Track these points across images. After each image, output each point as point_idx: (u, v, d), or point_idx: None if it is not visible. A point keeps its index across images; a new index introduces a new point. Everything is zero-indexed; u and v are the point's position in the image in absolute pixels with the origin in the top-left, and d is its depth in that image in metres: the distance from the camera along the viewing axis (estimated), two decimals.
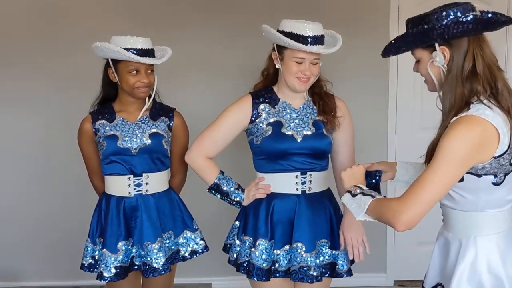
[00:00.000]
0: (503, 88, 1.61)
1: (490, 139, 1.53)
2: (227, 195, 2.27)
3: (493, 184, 1.59)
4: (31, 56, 3.50)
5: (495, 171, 1.57)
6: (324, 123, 2.21)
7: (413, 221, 1.52)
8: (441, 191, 1.53)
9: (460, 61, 1.59)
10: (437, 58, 1.63)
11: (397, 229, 1.54)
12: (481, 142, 1.52)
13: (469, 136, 1.50)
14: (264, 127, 2.20)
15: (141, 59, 2.21)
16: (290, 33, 2.09)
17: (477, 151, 1.52)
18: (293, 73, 2.14)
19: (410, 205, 1.51)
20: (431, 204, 1.53)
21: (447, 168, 1.51)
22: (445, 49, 1.62)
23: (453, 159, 1.50)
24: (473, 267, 1.61)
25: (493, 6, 3.55)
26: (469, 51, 1.59)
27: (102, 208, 2.38)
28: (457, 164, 1.51)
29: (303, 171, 2.19)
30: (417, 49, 1.69)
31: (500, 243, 1.63)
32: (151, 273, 2.30)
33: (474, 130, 1.51)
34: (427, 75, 1.69)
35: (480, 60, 1.59)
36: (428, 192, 1.51)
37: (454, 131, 1.51)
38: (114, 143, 2.30)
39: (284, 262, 2.18)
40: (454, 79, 1.60)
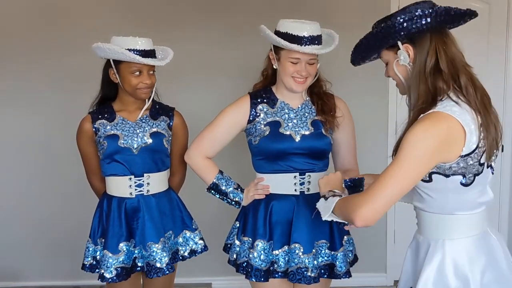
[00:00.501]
0: (467, 84, 1.56)
1: (456, 137, 1.49)
2: (226, 195, 2.27)
3: (461, 185, 1.55)
4: (31, 56, 3.50)
5: (463, 171, 1.53)
6: (323, 123, 2.21)
7: (372, 216, 1.49)
8: (403, 187, 1.49)
9: (423, 57, 1.57)
10: (401, 57, 1.61)
11: (355, 224, 1.51)
12: (447, 138, 1.48)
13: (434, 132, 1.47)
14: (262, 127, 2.20)
15: (145, 61, 2.21)
16: (285, 33, 2.09)
17: (443, 148, 1.48)
18: (289, 74, 2.14)
19: (370, 200, 1.48)
20: (392, 200, 1.50)
21: (410, 164, 1.47)
22: (408, 47, 1.60)
23: (417, 154, 1.47)
24: (440, 271, 1.57)
25: (493, 6, 3.55)
26: (431, 47, 1.56)
27: (104, 209, 2.37)
28: (421, 159, 1.47)
29: (301, 172, 2.19)
30: (383, 52, 1.68)
31: (469, 247, 1.58)
32: (155, 273, 2.30)
33: (440, 126, 1.47)
34: (395, 76, 1.67)
35: (443, 55, 1.56)
36: (390, 188, 1.48)
37: (420, 127, 1.48)
38: (115, 142, 2.30)
39: (282, 263, 2.18)
40: (417, 75, 1.58)
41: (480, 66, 3.55)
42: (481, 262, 1.58)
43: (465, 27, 4.05)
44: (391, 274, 3.73)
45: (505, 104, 3.62)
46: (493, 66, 3.58)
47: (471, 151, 1.51)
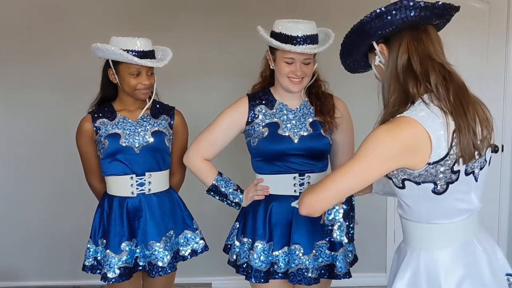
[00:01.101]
0: (437, 83, 1.47)
1: (420, 143, 1.41)
2: (226, 197, 2.27)
3: (433, 193, 1.48)
4: (30, 56, 3.50)
5: (433, 179, 1.45)
6: (321, 123, 2.21)
7: (318, 206, 1.51)
8: (353, 184, 1.47)
9: (395, 55, 1.51)
10: (377, 57, 1.58)
11: (300, 211, 1.53)
12: (409, 145, 1.41)
13: (395, 137, 1.42)
14: (260, 128, 2.20)
15: (143, 62, 2.20)
16: (280, 33, 2.09)
17: (404, 154, 1.42)
18: (284, 74, 2.14)
19: (319, 191, 1.49)
20: (339, 194, 1.50)
21: (365, 163, 1.44)
22: (382, 47, 1.56)
23: (374, 156, 1.43)
24: (413, 281, 1.52)
25: (493, 6, 3.55)
26: (402, 45, 1.50)
27: (105, 209, 2.37)
28: (377, 161, 1.43)
29: (301, 173, 2.18)
30: (369, 55, 1.65)
31: (446, 258, 1.51)
32: (157, 273, 2.30)
33: (402, 131, 1.42)
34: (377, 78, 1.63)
35: (415, 53, 1.49)
36: (339, 183, 1.47)
37: (382, 129, 1.44)
38: (117, 141, 2.30)
39: (282, 264, 2.18)
40: (389, 75, 1.53)
41: (480, 66, 3.60)
42: (458, 274, 1.50)
43: (465, 27, 4.08)
44: None
45: (505, 104, 3.62)
46: (493, 66, 3.58)
47: (440, 158, 1.43)
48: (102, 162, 2.36)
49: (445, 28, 1.68)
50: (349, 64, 1.76)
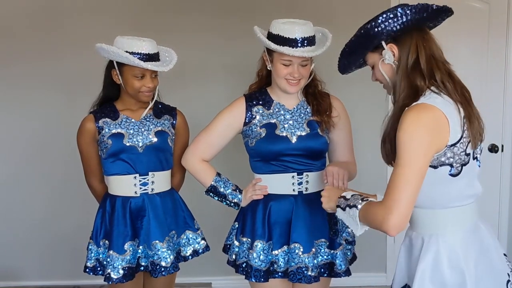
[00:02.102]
0: (443, 79, 1.60)
1: (441, 125, 1.52)
2: (225, 197, 2.28)
3: (450, 176, 1.57)
4: (31, 57, 3.50)
5: (450, 161, 1.55)
6: (318, 123, 2.21)
7: (402, 222, 1.51)
8: (417, 185, 1.51)
9: (405, 54, 1.62)
10: (386, 56, 1.65)
11: (390, 234, 1.53)
12: (434, 127, 1.51)
13: (422, 122, 1.50)
14: (258, 129, 2.20)
15: (149, 66, 2.20)
16: (277, 35, 2.09)
17: (434, 136, 1.51)
18: (281, 76, 2.14)
19: (394, 208, 1.49)
20: (412, 200, 1.51)
21: (414, 160, 1.49)
22: (392, 46, 1.64)
23: (416, 148, 1.49)
24: (435, 265, 1.59)
25: (493, 6, 3.55)
26: (412, 44, 1.62)
27: (107, 209, 2.36)
28: (421, 152, 1.50)
29: (299, 172, 2.19)
30: (368, 55, 1.71)
31: (462, 240, 1.61)
32: (160, 273, 2.30)
33: (425, 115, 1.51)
34: (382, 77, 1.71)
35: (423, 52, 1.61)
36: (405, 190, 1.49)
37: (406, 121, 1.50)
38: (120, 141, 2.30)
39: (282, 263, 2.18)
40: (401, 72, 1.62)
41: (480, 66, 3.60)
42: (474, 254, 1.61)
43: (466, 27, 4.07)
44: (391, 274, 3.70)
45: (505, 104, 3.61)
46: (493, 65, 3.58)
47: (457, 140, 1.55)
48: (104, 162, 2.35)
49: (445, 28, 1.77)
50: (345, 63, 1.81)
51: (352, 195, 1.72)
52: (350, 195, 1.73)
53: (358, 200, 1.67)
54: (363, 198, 1.66)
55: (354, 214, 1.65)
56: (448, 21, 1.76)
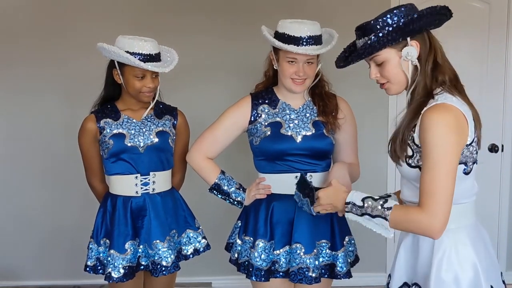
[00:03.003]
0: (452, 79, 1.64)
1: (463, 125, 1.55)
2: (228, 195, 2.28)
3: (464, 173, 1.60)
4: (32, 57, 3.50)
5: (466, 160, 1.59)
6: (324, 123, 2.21)
7: (445, 223, 1.53)
8: (453, 184, 1.52)
9: (425, 53, 1.63)
10: (412, 53, 1.62)
11: (435, 238, 1.56)
12: (458, 126, 1.54)
13: (447, 122, 1.51)
14: (263, 128, 2.21)
15: (150, 67, 2.19)
16: (283, 34, 2.09)
17: (458, 134, 1.53)
18: (287, 75, 2.14)
19: (435, 212, 1.51)
20: (451, 200, 1.53)
21: (447, 160, 1.51)
22: (416, 43, 1.63)
23: (446, 149, 1.50)
24: (449, 259, 1.61)
25: (493, 6, 3.55)
26: (431, 43, 1.64)
27: (107, 209, 2.37)
28: (452, 152, 1.52)
29: (303, 172, 2.19)
30: (385, 50, 1.65)
31: (470, 235, 1.65)
32: (161, 272, 2.30)
33: (448, 115, 1.53)
34: (398, 74, 1.66)
35: (439, 52, 1.65)
36: (444, 193, 1.51)
37: (431, 123, 1.51)
38: (121, 141, 2.30)
39: (283, 262, 2.18)
40: (424, 73, 1.63)
41: (480, 65, 3.60)
42: (481, 248, 1.66)
43: (466, 27, 4.07)
44: None
45: (505, 104, 3.62)
46: (493, 65, 3.58)
47: (472, 139, 1.59)
48: (106, 162, 2.36)
49: (445, 28, 1.76)
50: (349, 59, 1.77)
51: (363, 199, 1.67)
52: (360, 200, 1.68)
53: (378, 208, 1.63)
54: (383, 205, 1.62)
55: (381, 224, 1.63)
56: (448, 21, 1.76)
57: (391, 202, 1.63)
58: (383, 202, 1.63)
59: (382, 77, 1.70)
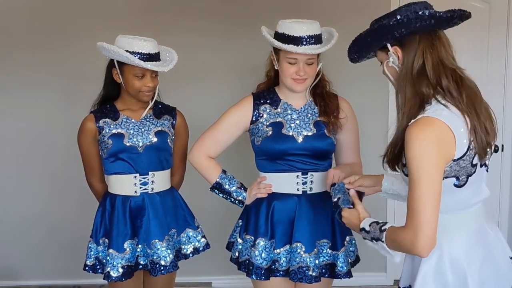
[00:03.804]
0: (449, 87, 1.56)
1: (447, 139, 1.50)
2: (230, 194, 2.28)
3: (455, 186, 1.56)
4: (32, 56, 3.50)
5: (456, 174, 1.54)
6: (325, 123, 2.21)
7: (432, 241, 1.48)
8: (436, 200, 1.48)
9: (410, 60, 1.58)
10: (390, 59, 1.62)
11: (423, 256, 1.51)
12: (440, 139, 1.48)
13: (426, 137, 1.47)
14: (264, 128, 2.21)
15: (149, 66, 2.20)
16: (283, 34, 2.09)
17: (440, 148, 1.48)
18: (288, 75, 2.14)
19: (418, 230, 1.46)
20: (435, 217, 1.48)
21: (428, 177, 1.46)
22: (397, 49, 1.60)
23: (427, 165, 1.46)
24: (438, 268, 1.58)
25: (493, 6, 3.55)
26: (418, 50, 1.57)
27: (106, 208, 2.37)
28: (433, 167, 1.47)
29: (304, 172, 2.19)
30: (377, 52, 1.69)
31: (466, 242, 1.60)
32: (159, 271, 2.30)
33: (429, 129, 1.48)
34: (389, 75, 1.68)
35: (430, 58, 1.56)
36: (426, 210, 1.46)
37: (412, 139, 1.48)
38: (120, 141, 2.30)
39: (284, 261, 2.19)
40: (404, 78, 1.59)
41: (480, 65, 3.60)
42: (478, 256, 1.61)
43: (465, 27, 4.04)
44: (391, 274, 3.73)
45: (505, 104, 3.62)
46: (493, 65, 3.58)
47: (463, 154, 1.52)
48: (105, 162, 2.36)
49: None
50: (357, 55, 1.78)
51: (369, 224, 1.67)
52: (368, 225, 1.67)
53: (377, 231, 1.62)
54: (381, 228, 1.61)
55: (382, 247, 1.62)
56: None
57: (387, 225, 1.60)
58: (382, 225, 1.62)
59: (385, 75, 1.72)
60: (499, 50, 3.57)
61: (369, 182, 1.96)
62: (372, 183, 1.96)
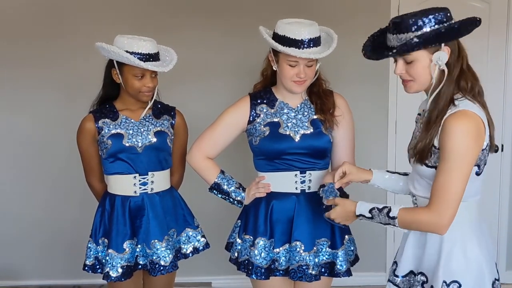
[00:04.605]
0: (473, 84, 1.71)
1: (482, 132, 1.65)
2: (228, 195, 2.28)
3: (476, 174, 1.70)
4: (31, 56, 3.50)
5: (479, 162, 1.69)
6: (322, 121, 2.21)
7: (451, 220, 1.65)
8: (464, 187, 1.63)
9: (454, 61, 1.69)
10: (441, 58, 1.67)
11: (443, 234, 1.68)
12: (478, 133, 1.63)
13: (468, 129, 1.61)
14: (261, 127, 2.21)
15: (149, 66, 2.20)
16: (283, 36, 2.08)
17: (477, 141, 1.63)
18: (288, 77, 2.14)
19: (443, 212, 1.63)
20: (459, 201, 1.64)
21: (464, 166, 1.61)
22: (448, 49, 1.68)
23: (465, 156, 1.60)
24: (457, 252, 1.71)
25: (493, 6, 3.55)
26: (460, 51, 1.71)
27: (106, 208, 2.37)
28: (470, 158, 1.62)
29: (302, 170, 2.19)
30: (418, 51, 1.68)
31: (475, 229, 1.75)
32: (159, 271, 2.31)
33: (471, 123, 1.62)
34: (424, 75, 1.71)
35: (465, 60, 1.72)
36: (453, 194, 1.62)
37: (454, 130, 1.61)
38: (120, 141, 2.30)
39: (283, 261, 2.19)
40: (451, 78, 1.69)
41: (481, 65, 3.56)
42: (484, 243, 1.77)
43: None
44: None
45: (505, 104, 3.61)
46: (493, 65, 3.57)
47: (487, 144, 1.68)
48: (104, 162, 2.36)
49: None
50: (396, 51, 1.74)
51: (369, 210, 1.81)
52: (368, 212, 1.82)
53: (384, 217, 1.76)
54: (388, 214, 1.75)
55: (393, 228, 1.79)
56: None
57: (395, 210, 1.74)
58: (387, 211, 1.76)
59: (408, 74, 1.74)
60: (499, 50, 3.57)
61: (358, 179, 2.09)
62: (361, 179, 2.10)
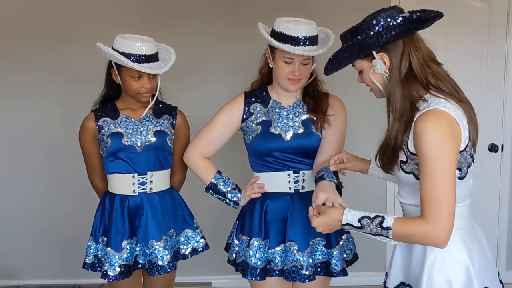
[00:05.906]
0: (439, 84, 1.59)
1: (456, 131, 1.53)
2: (224, 195, 2.28)
3: (458, 179, 1.57)
4: (33, 55, 3.51)
5: (460, 166, 1.56)
6: (313, 121, 2.20)
7: (450, 232, 1.51)
8: (454, 191, 1.50)
9: (397, 63, 1.60)
10: (377, 66, 1.63)
11: (443, 247, 1.53)
12: (452, 131, 1.51)
13: (440, 128, 1.49)
14: (254, 126, 2.22)
15: (143, 69, 2.19)
16: (280, 33, 2.09)
17: (454, 140, 1.51)
18: (283, 74, 2.14)
19: (441, 221, 1.49)
20: (454, 207, 1.50)
21: (446, 167, 1.48)
22: (383, 55, 1.62)
23: (445, 158, 1.48)
24: (442, 262, 1.60)
25: (493, 6, 3.55)
26: (404, 52, 1.59)
27: (106, 207, 2.38)
28: (451, 159, 1.50)
29: (295, 170, 2.19)
30: (357, 61, 1.69)
31: (465, 237, 1.63)
32: (157, 271, 2.31)
33: (441, 121, 1.50)
34: (372, 83, 1.70)
35: (415, 58, 1.59)
36: (447, 199, 1.49)
37: (426, 131, 1.49)
38: (119, 140, 2.31)
39: (279, 261, 2.19)
40: (395, 82, 1.61)
41: (480, 65, 3.59)
42: (475, 250, 1.65)
43: (465, 27, 4.06)
44: None
45: (505, 104, 3.61)
46: (493, 65, 3.57)
47: (466, 145, 1.56)
48: (105, 161, 2.37)
49: (445, 27, 1.74)
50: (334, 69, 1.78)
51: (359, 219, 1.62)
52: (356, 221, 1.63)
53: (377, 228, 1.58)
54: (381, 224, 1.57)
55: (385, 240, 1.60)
56: (448, 21, 1.76)
57: (389, 220, 1.57)
58: (380, 221, 1.58)
59: (364, 83, 1.74)
60: (499, 50, 3.57)
61: (355, 168, 2.08)
62: (358, 168, 2.06)
